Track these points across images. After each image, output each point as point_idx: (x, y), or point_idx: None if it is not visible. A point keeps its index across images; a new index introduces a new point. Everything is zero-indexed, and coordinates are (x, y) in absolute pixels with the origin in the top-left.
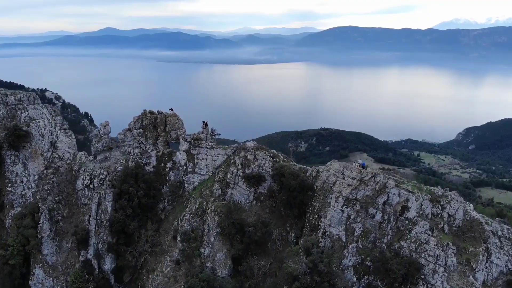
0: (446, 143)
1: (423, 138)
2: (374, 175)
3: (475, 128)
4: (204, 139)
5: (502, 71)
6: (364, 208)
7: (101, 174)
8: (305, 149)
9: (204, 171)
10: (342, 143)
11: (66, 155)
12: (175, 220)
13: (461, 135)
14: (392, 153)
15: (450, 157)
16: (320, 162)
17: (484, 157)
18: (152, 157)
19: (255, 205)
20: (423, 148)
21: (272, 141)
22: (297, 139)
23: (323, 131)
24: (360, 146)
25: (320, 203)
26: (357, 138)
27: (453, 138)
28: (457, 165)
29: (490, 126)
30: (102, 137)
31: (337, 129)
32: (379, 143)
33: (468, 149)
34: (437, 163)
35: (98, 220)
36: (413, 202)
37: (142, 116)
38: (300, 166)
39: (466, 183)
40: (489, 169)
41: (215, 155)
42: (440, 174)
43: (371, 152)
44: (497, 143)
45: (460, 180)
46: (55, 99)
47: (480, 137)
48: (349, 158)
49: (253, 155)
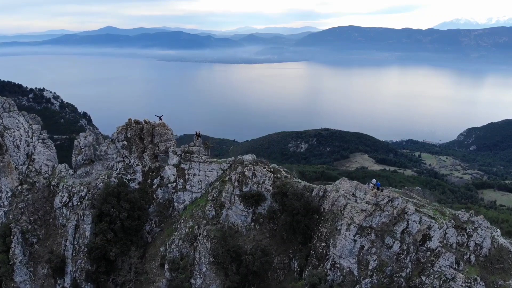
0: (447, 143)
1: (423, 139)
2: (392, 199)
3: (476, 129)
4: (196, 152)
5: (503, 71)
6: (380, 237)
7: (81, 191)
8: (305, 149)
9: (196, 188)
10: (343, 144)
11: (44, 168)
12: (163, 245)
13: (462, 136)
14: (393, 153)
15: (451, 158)
16: (320, 162)
17: (485, 158)
18: (138, 172)
19: (253, 228)
20: (424, 149)
21: (272, 141)
22: (297, 140)
23: (324, 131)
24: (361, 146)
25: (328, 229)
26: (357, 138)
27: (454, 138)
28: (458, 166)
29: (491, 126)
30: (82, 150)
31: (338, 130)
32: (380, 144)
33: (469, 150)
34: (438, 164)
35: (76, 245)
36: (435, 230)
37: (126, 127)
38: (305, 184)
39: (468, 185)
40: (490, 170)
41: (209, 170)
42: (442, 176)
43: (372, 152)
44: (499, 144)
45: (462, 181)
46: (53, 98)
47: (481, 137)
48: (350, 158)
49: (251, 171)
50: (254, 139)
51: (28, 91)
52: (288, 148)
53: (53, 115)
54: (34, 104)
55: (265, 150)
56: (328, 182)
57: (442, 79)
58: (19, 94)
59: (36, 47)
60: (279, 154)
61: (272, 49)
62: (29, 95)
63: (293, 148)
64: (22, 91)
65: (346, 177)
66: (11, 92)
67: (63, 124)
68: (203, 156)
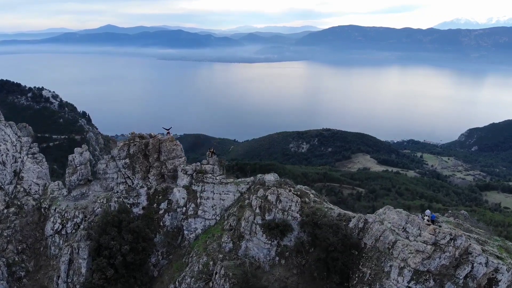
0: (448, 144)
1: (424, 139)
2: (454, 237)
3: (477, 129)
4: (210, 171)
5: (503, 71)
6: (439, 282)
7: (75, 217)
8: (307, 150)
9: (209, 214)
10: (344, 144)
11: (34, 188)
12: (172, 282)
13: (464, 136)
14: (395, 154)
15: (453, 159)
16: (322, 163)
17: (487, 159)
18: (142, 195)
19: (278, 263)
20: (425, 149)
21: (273, 141)
22: (298, 140)
23: (325, 131)
24: (363, 147)
25: (373, 270)
26: (359, 139)
27: (455, 139)
28: (460, 167)
29: (493, 127)
30: (77, 168)
31: (339, 130)
32: (382, 144)
33: (471, 151)
34: (440, 165)
35: (70, 283)
36: (503, 272)
37: (128, 142)
38: (340, 212)
39: (472, 187)
40: (493, 172)
41: (224, 193)
42: (444, 177)
43: (374, 153)
44: (500, 144)
45: (465, 183)
46: (52, 97)
47: (483, 138)
48: (352, 159)
49: (275, 195)
50: (254, 139)
51: (26, 90)
52: (289, 148)
53: (52, 115)
54: (32, 103)
55: (266, 150)
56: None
57: (443, 79)
58: (17, 93)
59: (35, 45)
60: (280, 154)
61: (272, 48)
62: (28, 94)
63: (294, 148)
64: (21, 90)
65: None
66: (9, 91)
67: (62, 123)
68: (218, 176)
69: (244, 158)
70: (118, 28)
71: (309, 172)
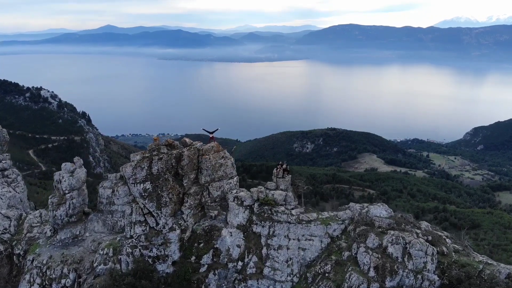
0: (453, 143)
1: (427, 138)
2: None
3: (483, 128)
4: (281, 201)
5: (504, 69)
6: None
7: (63, 276)
8: (312, 150)
9: (282, 274)
10: (350, 144)
11: (3, 223)
12: None
13: (469, 135)
14: (401, 154)
15: (460, 158)
16: (328, 163)
17: (494, 158)
18: (172, 242)
19: None
20: (430, 148)
21: (276, 141)
22: (302, 140)
23: (330, 131)
24: (369, 147)
25: None
26: (365, 138)
27: (459, 137)
28: (468, 167)
29: (498, 125)
30: (66, 196)
31: (345, 129)
32: (388, 144)
33: (477, 149)
34: (447, 164)
35: None
36: None
37: (149, 154)
38: (510, 271)
39: (484, 187)
40: (501, 171)
41: (306, 238)
42: (453, 177)
43: (380, 153)
44: (506, 143)
45: (476, 183)
46: (51, 97)
47: (488, 137)
48: (358, 159)
49: (401, 245)
50: (257, 139)
51: (24, 90)
52: (293, 149)
53: (50, 115)
54: (31, 103)
55: (270, 151)
56: (341, 186)
57: (444, 77)
58: (15, 93)
59: (35, 46)
60: (284, 154)
61: (272, 48)
62: (26, 95)
63: (299, 148)
64: (19, 90)
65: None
66: (6, 91)
67: (61, 124)
68: (294, 209)
69: (247, 158)
70: (118, 28)
71: (317, 173)
